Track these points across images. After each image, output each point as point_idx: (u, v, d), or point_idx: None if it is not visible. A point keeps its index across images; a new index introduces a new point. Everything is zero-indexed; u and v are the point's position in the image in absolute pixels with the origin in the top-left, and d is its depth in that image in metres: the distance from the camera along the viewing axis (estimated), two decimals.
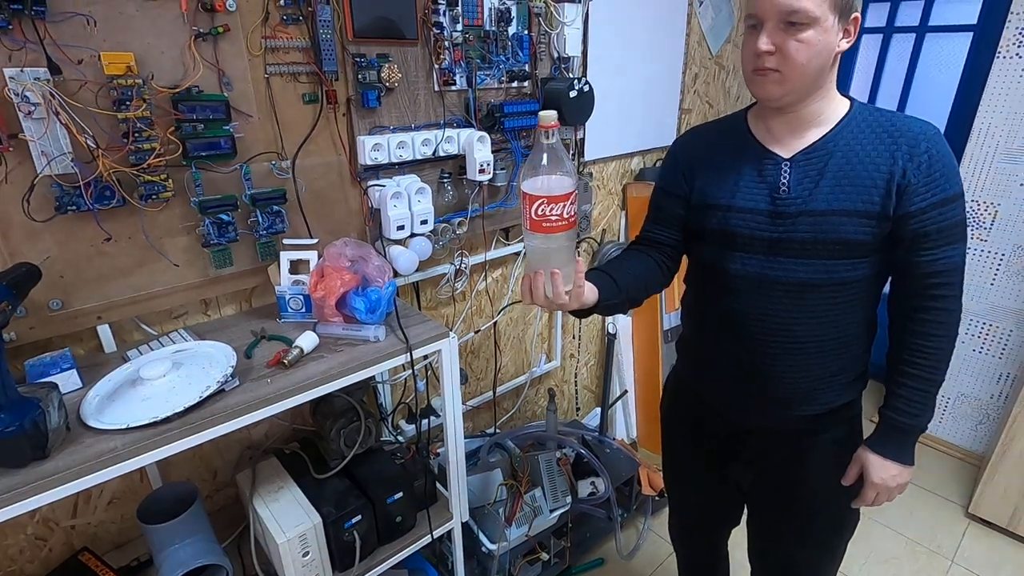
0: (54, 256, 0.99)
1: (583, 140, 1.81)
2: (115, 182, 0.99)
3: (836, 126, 0.92)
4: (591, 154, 1.86)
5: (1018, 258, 2.09)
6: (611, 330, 2.16)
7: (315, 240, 1.23)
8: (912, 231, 0.89)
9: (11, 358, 0.98)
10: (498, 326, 1.83)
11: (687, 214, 1.05)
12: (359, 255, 1.19)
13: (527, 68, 1.52)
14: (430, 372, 1.59)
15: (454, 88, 1.40)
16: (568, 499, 1.69)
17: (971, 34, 2.12)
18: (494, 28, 1.42)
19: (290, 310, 1.20)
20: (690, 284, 1.13)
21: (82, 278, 1.03)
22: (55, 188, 0.95)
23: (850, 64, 2.57)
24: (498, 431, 1.91)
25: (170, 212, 1.09)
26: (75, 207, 0.97)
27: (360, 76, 1.23)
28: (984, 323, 2.21)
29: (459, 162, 1.46)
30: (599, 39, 1.72)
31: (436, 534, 1.32)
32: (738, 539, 1.32)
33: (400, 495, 1.24)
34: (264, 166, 1.17)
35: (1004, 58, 2.00)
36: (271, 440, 1.39)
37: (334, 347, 1.11)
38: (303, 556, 1.12)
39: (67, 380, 0.95)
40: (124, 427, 0.86)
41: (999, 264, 2.13)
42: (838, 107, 0.93)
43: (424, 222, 1.37)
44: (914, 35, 2.35)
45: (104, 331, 1.09)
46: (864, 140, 0.90)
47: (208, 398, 0.92)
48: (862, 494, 1.02)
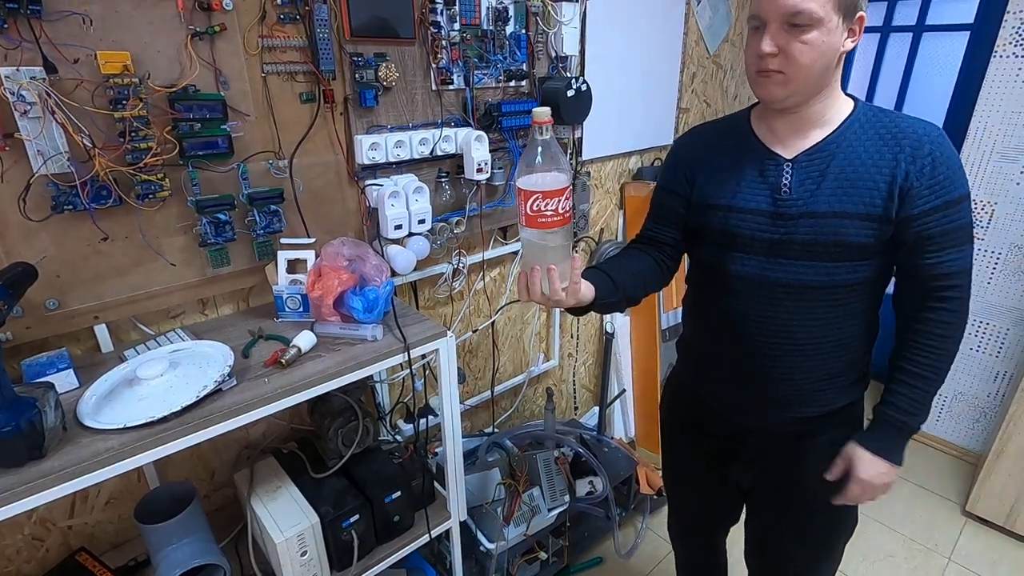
0: (50, 256, 0.99)
1: (581, 139, 1.81)
2: (112, 181, 0.99)
3: (839, 127, 0.91)
4: (589, 153, 1.86)
5: (1015, 257, 2.10)
6: (609, 329, 2.16)
7: (312, 239, 1.23)
8: (916, 234, 0.88)
9: (8, 358, 0.98)
10: (496, 325, 1.83)
11: (687, 213, 1.05)
12: (357, 254, 1.19)
13: (525, 67, 1.52)
14: (428, 371, 1.59)
15: (452, 87, 1.40)
16: (566, 498, 1.69)
17: (968, 33, 2.12)
18: (492, 27, 1.41)
19: (287, 309, 1.20)
20: (691, 284, 1.13)
21: (79, 278, 1.03)
22: (51, 187, 0.95)
23: (847, 64, 2.56)
24: (496, 430, 1.91)
25: (167, 211, 1.08)
26: (71, 206, 0.97)
27: (357, 75, 1.23)
28: (981, 322, 2.22)
29: (457, 161, 1.46)
30: (597, 38, 1.72)
31: (434, 533, 1.32)
32: (735, 538, 1.32)
33: (398, 494, 1.24)
34: (261, 165, 1.17)
35: (1001, 57, 2.00)
36: (269, 440, 1.39)
37: (332, 346, 1.11)
38: (301, 556, 1.11)
39: (64, 380, 0.95)
40: (121, 427, 0.85)
41: (996, 263, 2.14)
42: (842, 107, 0.93)
43: (422, 221, 1.37)
44: (911, 34, 2.36)
45: (101, 331, 1.09)
46: (867, 141, 0.89)
47: (205, 398, 0.92)
48: (846, 490, 1.01)
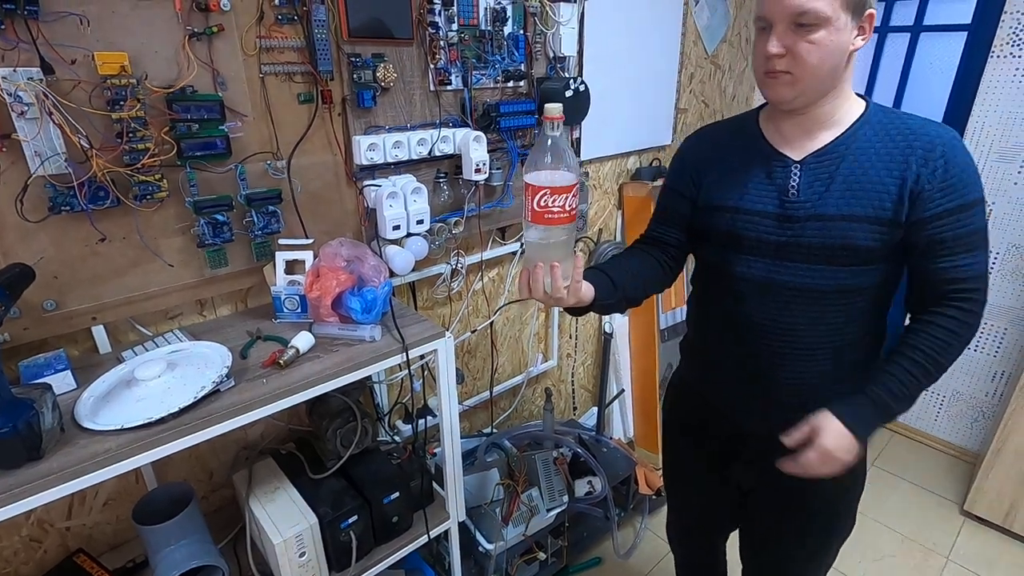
0: (48, 257, 0.99)
1: (579, 140, 1.81)
2: (109, 182, 0.98)
3: (849, 128, 0.89)
4: (587, 154, 1.86)
5: (1013, 257, 2.10)
6: (607, 330, 2.16)
7: (311, 240, 1.23)
8: (927, 238, 0.86)
9: (5, 359, 0.97)
10: (495, 326, 1.83)
11: (693, 214, 1.04)
12: (355, 255, 1.19)
13: (523, 68, 1.52)
14: (426, 372, 1.59)
15: (450, 88, 1.40)
16: (565, 498, 1.69)
17: (965, 34, 2.12)
18: (490, 28, 1.41)
19: (286, 310, 1.20)
20: (696, 285, 1.12)
21: (76, 279, 1.03)
22: (49, 188, 0.95)
23: None
24: (495, 431, 1.91)
25: (165, 212, 1.08)
26: (69, 207, 0.97)
27: (355, 76, 1.23)
28: None
29: (455, 162, 1.46)
30: (595, 39, 1.72)
31: (433, 534, 1.32)
32: (733, 538, 1.32)
33: (396, 495, 1.24)
34: (259, 166, 1.17)
35: (998, 57, 2.01)
36: (267, 440, 1.38)
37: (330, 347, 1.11)
38: (299, 556, 1.11)
39: (61, 381, 0.95)
40: (119, 428, 0.85)
41: (994, 262, 2.14)
42: (852, 108, 0.90)
43: (420, 222, 1.37)
44: (908, 35, 2.36)
45: (99, 332, 1.09)
46: (878, 143, 0.87)
47: (203, 399, 0.92)
48: (802, 456, 0.90)
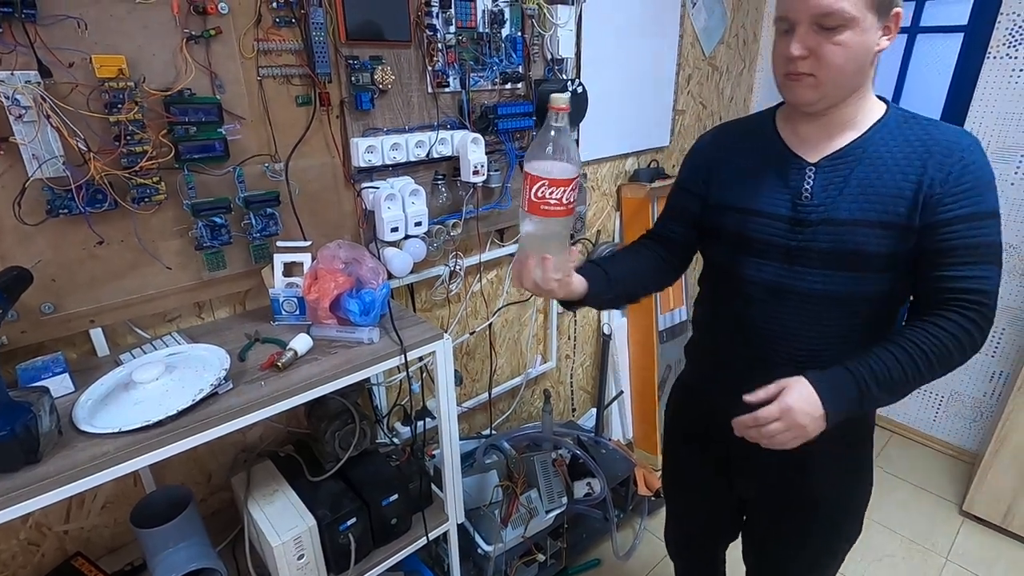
0: (46, 259, 0.99)
1: (577, 141, 1.81)
2: (107, 185, 0.98)
3: (867, 131, 0.87)
4: (585, 155, 1.87)
5: (1010, 257, 2.11)
6: (606, 331, 2.17)
7: (309, 242, 1.23)
8: (936, 244, 0.83)
9: (3, 362, 0.98)
10: (493, 327, 1.83)
11: (703, 213, 1.03)
12: (353, 257, 1.19)
13: (520, 70, 1.52)
14: (425, 374, 1.59)
15: (447, 90, 1.40)
16: (564, 500, 1.69)
17: (962, 35, 2.13)
18: (487, 30, 1.42)
19: (284, 312, 1.20)
20: (704, 286, 1.10)
21: (74, 281, 1.03)
22: (46, 191, 0.95)
23: None
24: (494, 432, 1.91)
25: (163, 215, 1.08)
26: (67, 210, 0.97)
27: (353, 78, 1.23)
28: None
29: (453, 164, 1.46)
30: (592, 40, 1.72)
31: (432, 536, 1.32)
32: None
33: (395, 497, 1.24)
34: (257, 168, 1.17)
35: (994, 58, 2.01)
36: (266, 443, 1.38)
37: (328, 349, 1.11)
38: (298, 559, 1.11)
39: (59, 384, 0.95)
40: (117, 431, 0.85)
41: None
42: (872, 110, 0.88)
43: (418, 224, 1.37)
44: (906, 36, 2.37)
45: (97, 335, 1.09)
46: (895, 147, 0.85)
47: (201, 401, 0.92)
48: (761, 411, 0.83)
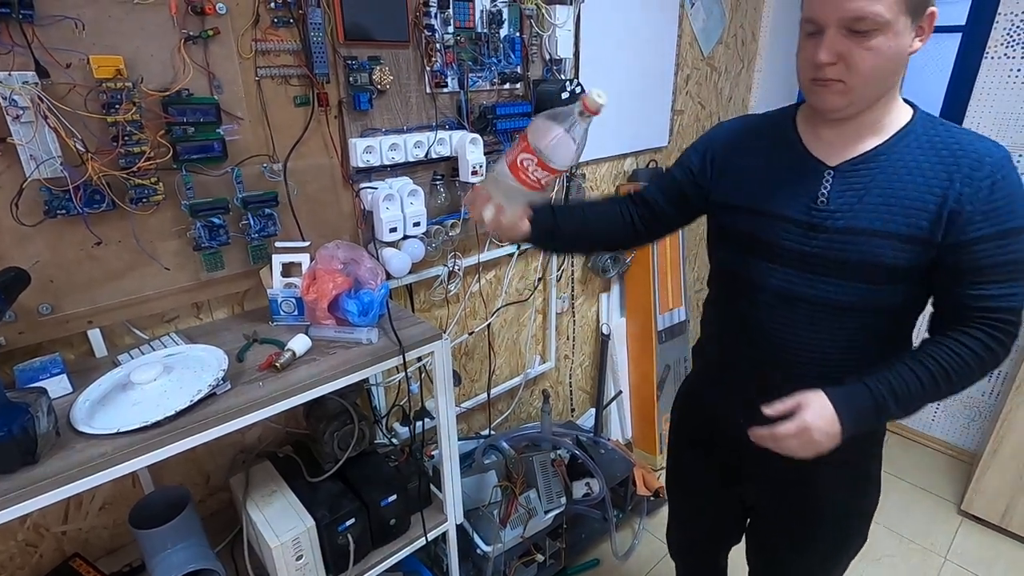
0: (44, 260, 0.99)
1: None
2: (105, 185, 0.98)
3: (892, 137, 0.83)
4: (584, 155, 1.85)
5: None
6: (605, 331, 2.17)
7: (307, 243, 1.23)
8: (963, 262, 0.80)
9: (0, 363, 0.97)
10: (492, 328, 1.83)
11: (704, 206, 1.01)
12: (351, 257, 1.19)
13: (519, 70, 1.52)
14: (424, 374, 1.59)
15: (446, 90, 1.40)
16: (563, 500, 1.69)
17: (960, 35, 2.14)
18: (485, 30, 1.42)
19: (282, 313, 1.20)
20: (712, 287, 1.08)
21: (72, 282, 1.02)
22: (44, 192, 0.94)
23: None
24: (493, 433, 1.91)
25: (161, 215, 1.08)
26: (64, 211, 0.96)
27: (351, 79, 1.23)
28: None
29: (452, 164, 1.46)
30: (591, 41, 1.72)
31: (430, 536, 1.31)
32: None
33: (394, 497, 1.24)
34: (256, 169, 1.17)
35: (992, 59, 2.02)
36: (264, 444, 1.38)
37: (327, 350, 1.11)
38: (296, 560, 1.11)
39: (57, 385, 0.95)
40: (115, 432, 0.85)
41: None
42: (899, 115, 0.84)
43: (417, 224, 1.37)
44: None
45: (95, 335, 1.08)
46: (920, 156, 0.81)
47: (200, 402, 0.92)
48: (779, 426, 0.84)
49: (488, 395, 1.86)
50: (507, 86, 1.53)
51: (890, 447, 2.48)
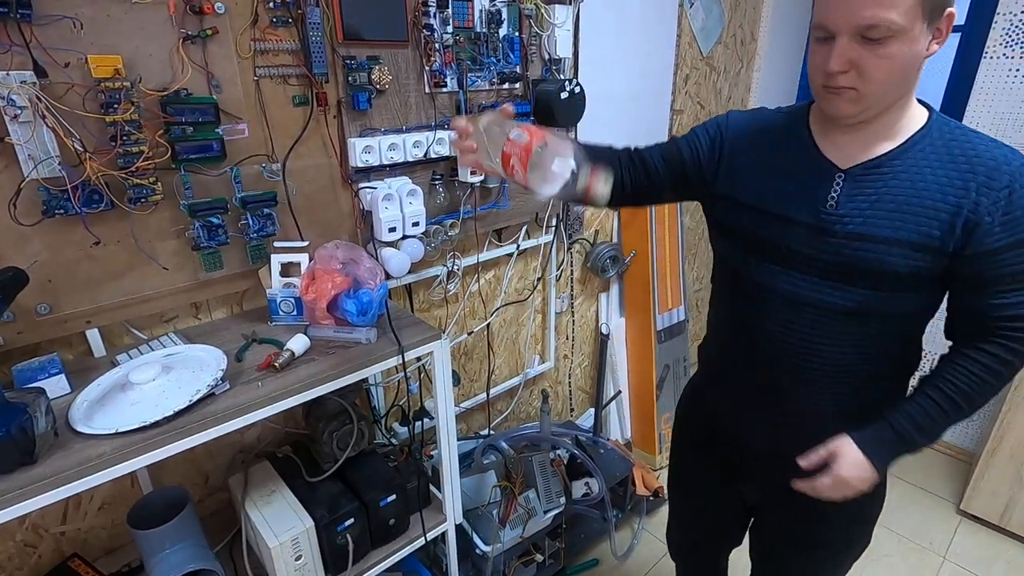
0: (42, 260, 0.99)
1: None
2: (103, 185, 0.98)
3: (906, 141, 0.81)
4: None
5: None
6: (604, 331, 2.17)
7: (306, 243, 1.23)
8: (982, 272, 0.79)
9: None
10: (491, 328, 1.82)
11: (705, 197, 0.99)
12: (350, 257, 1.19)
13: (518, 70, 1.52)
14: (423, 374, 1.59)
15: (445, 90, 1.40)
16: (562, 500, 1.69)
17: (959, 35, 2.14)
18: (485, 30, 1.42)
19: (281, 313, 1.20)
20: (715, 284, 1.07)
21: (71, 282, 1.02)
22: (42, 191, 0.94)
23: None
24: (492, 433, 1.91)
25: (159, 215, 1.08)
26: (63, 211, 0.96)
27: (350, 78, 1.23)
28: None
29: (451, 164, 1.46)
30: (590, 40, 1.72)
31: (430, 536, 1.31)
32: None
33: (393, 497, 1.24)
34: (254, 169, 1.17)
35: (991, 58, 2.02)
36: (263, 444, 1.38)
37: (326, 350, 1.11)
38: (295, 560, 1.11)
39: (55, 385, 0.95)
40: (113, 432, 0.85)
41: None
42: (913, 118, 0.82)
43: (416, 224, 1.37)
44: None
45: (93, 335, 1.08)
46: (935, 161, 0.79)
47: (198, 402, 0.92)
48: (817, 480, 0.89)
49: (487, 395, 1.86)
50: (506, 86, 1.52)
51: None
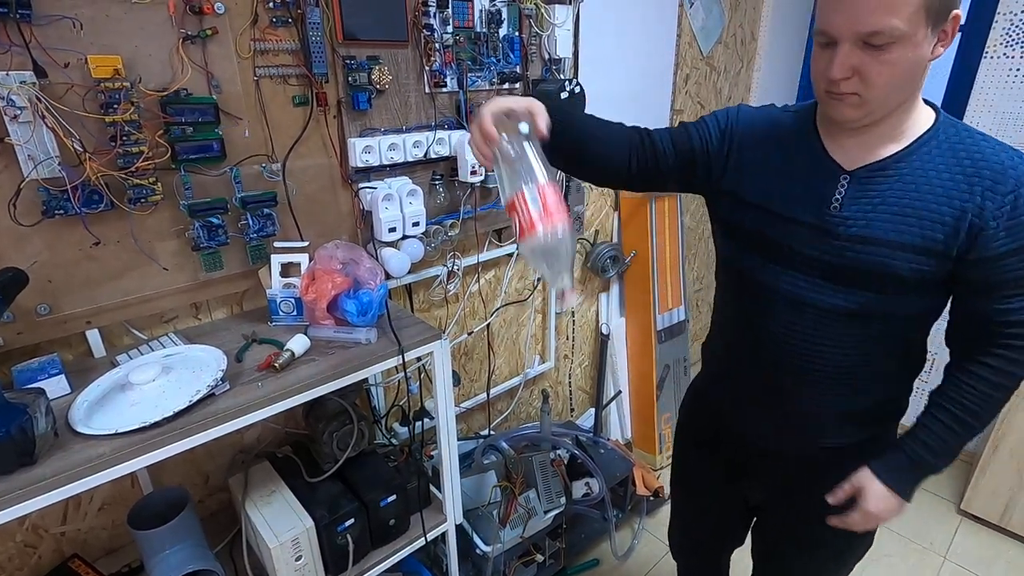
0: (42, 260, 0.98)
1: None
2: (103, 186, 0.98)
3: (912, 143, 0.80)
4: None
5: None
6: (604, 331, 2.17)
7: (306, 243, 1.23)
8: (987, 277, 0.79)
9: None
10: (491, 328, 1.82)
11: (712, 192, 0.97)
12: (350, 257, 1.19)
13: (518, 70, 1.52)
14: (423, 374, 1.59)
15: (445, 90, 1.39)
16: (563, 500, 1.69)
17: (959, 34, 2.14)
18: (485, 30, 1.42)
19: (281, 313, 1.20)
20: (718, 281, 1.06)
21: (70, 282, 1.02)
22: (42, 192, 0.94)
23: None
24: (492, 433, 1.91)
25: (159, 215, 1.08)
26: (63, 211, 0.96)
27: (350, 78, 1.23)
28: None
29: (451, 164, 1.46)
30: (590, 40, 1.72)
31: (430, 537, 1.31)
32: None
33: (393, 498, 1.24)
34: (254, 169, 1.17)
35: (991, 58, 2.02)
36: (263, 444, 1.38)
37: (326, 350, 1.11)
38: (296, 560, 1.11)
39: (55, 385, 0.95)
40: (113, 432, 0.85)
41: None
42: (920, 119, 0.81)
43: (416, 224, 1.37)
44: None
45: (93, 336, 1.08)
46: (940, 164, 0.79)
47: (198, 402, 0.91)
48: (848, 516, 0.93)
49: (487, 395, 1.86)
50: (506, 86, 1.52)
51: None
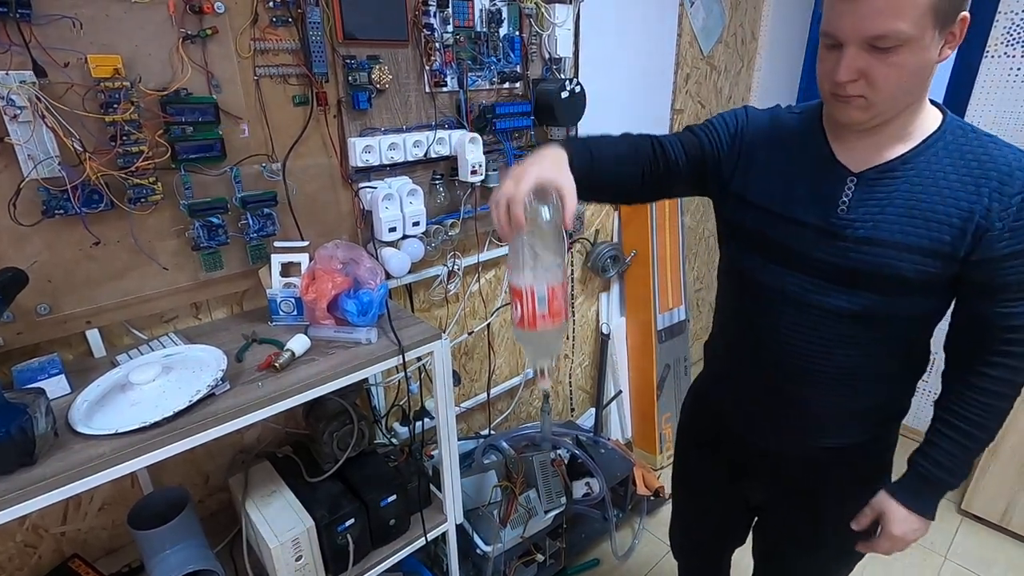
0: (42, 260, 0.98)
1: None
2: (103, 185, 0.98)
3: (919, 145, 0.80)
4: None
5: None
6: (605, 331, 2.16)
7: (306, 243, 1.23)
8: (990, 279, 0.78)
9: None
10: (492, 327, 1.82)
11: (720, 194, 0.97)
12: (350, 257, 1.19)
13: (518, 69, 1.52)
14: (423, 374, 1.59)
15: (445, 90, 1.39)
16: (563, 500, 1.69)
17: None
18: (485, 29, 1.41)
19: (281, 313, 1.20)
20: (720, 281, 1.05)
21: (70, 282, 1.02)
22: (42, 192, 0.94)
23: None
24: (492, 433, 1.91)
25: (159, 215, 1.08)
26: (62, 211, 0.96)
27: (350, 78, 1.23)
28: None
29: (451, 163, 1.46)
30: (590, 40, 1.72)
31: (430, 536, 1.31)
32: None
33: (394, 498, 1.24)
34: (254, 169, 1.16)
35: (992, 57, 2.02)
36: (263, 444, 1.38)
37: (326, 350, 1.11)
38: (296, 560, 1.11)
39: (55, 385, 0.94)
40: (113, 432, 0.85)
41: None
42: (927, 121, 0.81)
43: (416, 224, 1.37)
44: None
45: (93, 336, 1.08)
46: (947, 166, 0.78)
47: (198, 402, 0.91)
48: (876, 543, 0.95)
49: (488, 395, 1.86)
50: (506, 85, 1.52)
51: None
